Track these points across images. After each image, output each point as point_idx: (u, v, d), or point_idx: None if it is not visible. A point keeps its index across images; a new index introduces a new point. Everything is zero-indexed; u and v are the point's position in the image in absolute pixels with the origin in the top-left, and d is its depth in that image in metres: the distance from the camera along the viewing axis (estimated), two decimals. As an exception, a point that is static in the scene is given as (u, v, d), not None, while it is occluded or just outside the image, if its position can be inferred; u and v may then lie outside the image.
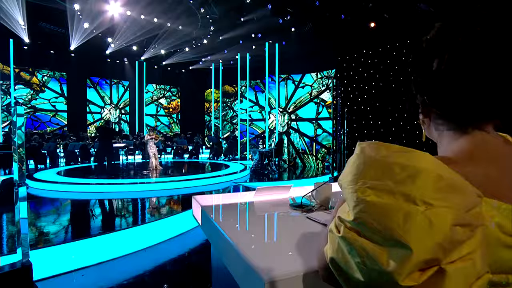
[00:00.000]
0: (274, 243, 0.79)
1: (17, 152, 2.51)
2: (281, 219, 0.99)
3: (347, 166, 0.49)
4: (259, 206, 1.14)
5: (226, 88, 15.56)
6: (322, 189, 1.05)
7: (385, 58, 9.57)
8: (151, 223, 3.85)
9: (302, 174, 9.78)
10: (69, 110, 14.29)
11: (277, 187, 1.26)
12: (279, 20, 10.14)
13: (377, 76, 9.84)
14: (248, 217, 1.02)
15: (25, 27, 9.90)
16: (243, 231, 0.88)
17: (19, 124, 2.54)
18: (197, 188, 6.56)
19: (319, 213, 0.98)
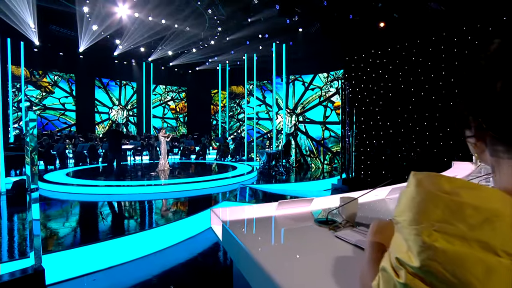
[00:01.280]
0: (304, 265, 0.75)
1: (30, 157, 2.51)
2: (308, 237, 0.95)
3: (402, 201, 0.44)
4: (283, 222, 1.10)
5: (233, 88, 15.57)
6: (348, 204, 1.00)
7: (394, 58, 9.43)
8: (161, 227, 3.84)
9: (310, 176, 9.70)
10: (78, 111, 14.45)
11: (299, 201, 1.22)
12: (286, 20, 10.07)
13: (386, 77, 9.71)
14: (274, 235, 0.98)
15: (36, 30, 10.04)
16: (269, 251, 0.84)
17: (32, 130, 2.54)
18: (206, 190, 6.54)
19: (347, 231, 0.94)
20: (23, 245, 3.34)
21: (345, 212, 1.01)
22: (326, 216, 1.04)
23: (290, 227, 1.04)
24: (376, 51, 9.89)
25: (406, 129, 9.17)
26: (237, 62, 14.40)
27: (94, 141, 12.30)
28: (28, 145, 2.47)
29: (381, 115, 9.73)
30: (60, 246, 3.13)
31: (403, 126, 9.22)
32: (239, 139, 12.66)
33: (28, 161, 2.58)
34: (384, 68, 9.68)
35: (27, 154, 2.60)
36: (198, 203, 5.79)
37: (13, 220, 4.50)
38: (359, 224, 1.02)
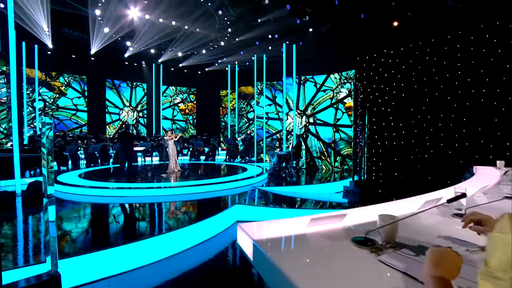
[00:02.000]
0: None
1: (47, 165, 2.50)
2: (349, 260, 0.88)
3: (504, 252, 0.36)
4: (318, 240, 1.03)
5: (242, 89, 15.55)
6: (388, 223, 0.93)
7: (407, 58, 9.23)
8: (173, 232, 3.81)
9: (321, 178, 9.57)
10: (89, 112, 14.65)
11: (331, 216, 1.15)
12: (296, 20, 9.97)
13: (398, 77, 9.52)
14: (312, 257, 0.91)
15: (49, 33, 10.21)
16: (310, 276, 0.78)
17: (47, 136, 2.54)
18: (217, 193, 6.51)
19: (392, 255, 0.86)
20: (39, 248, 3.36)
21: (385, 232, 0.94)
22: (365, 235, 0.97)
23: (327, 247, 0.97)
24: (389, 51, 9.70)
25: (419, 130, 8.96)
26: (246, 62, 14.37)
27: (105, 142, 12.44)
28: (44, 158, 2.47)
29: (394, 116, 9.54)
30: (74, 251, 3.13)
31: (416, 127, 9.01)
32: (249, 140, 12.61)
33: (46, 172, 2.58)
34: (397, 68, 9.49)
35: (44, 168, 2.60)
36: (210, 206, 5.76)
37: (29, 223, 4.54)
38: (400, 245, 0.94)
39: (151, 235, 3.65)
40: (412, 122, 9.16)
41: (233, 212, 5.12)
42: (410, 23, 8.96)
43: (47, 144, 2.65)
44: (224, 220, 4.84)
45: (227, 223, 4.90)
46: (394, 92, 9.58)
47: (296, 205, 6.40)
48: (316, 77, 11.59)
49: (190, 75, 17.12)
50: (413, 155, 9.09)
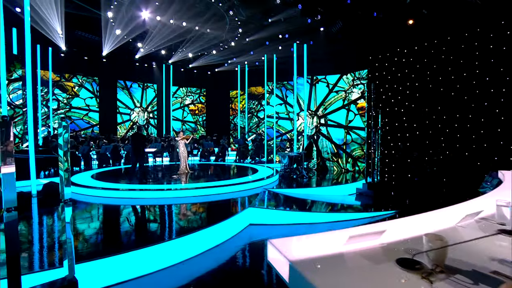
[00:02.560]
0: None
1: (63, 172, 2.49)
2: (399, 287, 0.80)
3: None
4: (358, 261, 0.96)
5: (252, 89, 15.50)
6: (439, 247, 0.85)
7: (422, 57, 9.01)
8: (186, 236, 3.77)
9: (333, 180, 9.43)
10: (101, 113, 14.85)
11: (369, 233, 1.07)
12: (307, 20, 9.85)
13: (412, 76, 9.30)
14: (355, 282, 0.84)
15: (63, 36, 10.38)
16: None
17: (66, 141, 2.53)
18: (228, 195, 6.48)
19: (447, 282, 0.79)
20: (55, 252, 3.37)
21: (434, 255, 0.86)
22: (412, 257, 0.89)
23: (370, 269, 0.90)
24: (402, 50, 9.49)
25: (434, 131, 8.73)
26: (256, 62, 14.31)
27: (117, 143, 12.58)
28: (61, 160, 2.46)
29: (407, 117, 9.33)
30: (87, 255, 3.12)
31: (431, 128, 8.78)
32: (259, 140, 12.55)
33: (63, 175, 2.57)
34: (411, 67, 9.27)
35: (61, 179, 2.60)
36: (222, 208, 5.73)
37: (46, 225, 4.58)
38: (451, 269, 0.86)
39: (165, 239, 3.63)
40: (427, 123, 8.93)
41: (246, 215, 5.06)
42: (426, 20, 8.73)
43: (64, 147, 2.65)
44: (237, 223, 4.79)
45: (240, 226, 4.85)
46: (407, 92, 9.36)
47: (309, 207, 6.30)
48: (328, 77, 11.43)
49: (200, 76, 17.17)
50: (428, 156, 8.87)
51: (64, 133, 2.53)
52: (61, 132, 2.62)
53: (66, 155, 2.65)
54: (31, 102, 6.46)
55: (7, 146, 2.79)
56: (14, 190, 2.94)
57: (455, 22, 8.13)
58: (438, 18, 8.48)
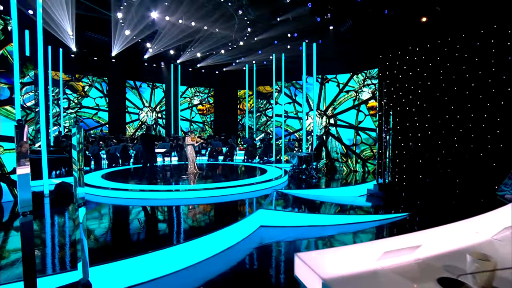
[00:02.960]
0: None
1: (77, 173, 2.48)
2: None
3: None
4: (395, 280, 0.90)
5: (260, 89, 15.44)
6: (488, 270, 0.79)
7: (435, 55, 8.81)
8: (198, 239, 3.75)
9: (343, 180, 9.32)
10: (110, 113, 15.00)
11: (404, 249, 1.01)
12: (317, 19, 9.73)
13: (424, 75, 9.11)
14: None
15: (74, 37, 10.50)
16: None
17: (78, 143, 2.52)
18: (238, 196, 6.45)
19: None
20: (69, 255, 3.38)
21: (482, 278, 0.80)
22: (457, 277, 0.83)
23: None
24: (414, 48, 9.30)
25: (447, 131, 8.53)
26: (264, 62, 14.24)
27: (126, 143, 12.68)
28: (76, 172, 2.45)
29: (419, 116, 9.15)
30: (99, 258, 3.11)
31: (444, 128, 8.59)
32: (267, 140, 12.49)
33: (77, 181, 2.56)
34: (423, 66, 9.08)
35: (75, 181, 2.59)
36: (232, 209, 5.70)
37: (58, 226, 4.62)
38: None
39: (176, 243, 3.60)
40: (439, 123, 8.74)
41: (257, 217, 5.02)
42: (439, 18, 8.52)
43: (77, 147, 2.64)
44: (249, 225, 4.75)
45: (251, 228, 4.81)
46: (419, 91, 9.18)
47: (320, 209, 6.23)
48: (339, 76, 11.29)
49: (208, 75, 17.19)
50: (440, 157, 8.68)
51: (77, 135, 2.53)
52: (75, 132, 2.62)
53: (80, 156, 2.64)
54: (43, 103, 6.53)
55: (22, 148, 2.81)
56: (29, 191, 2.95)
57: (470, 19, 7.92)
58: (452, 15, 8.28)
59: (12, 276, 2.85)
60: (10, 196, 5.87)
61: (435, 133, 8.79)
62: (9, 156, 5.84)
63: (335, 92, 11.28)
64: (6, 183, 5.80)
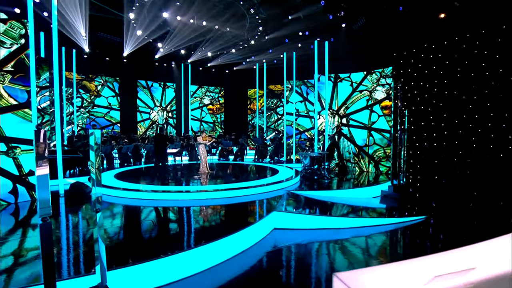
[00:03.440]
0: None
1: (95, 179, 2.47)
2: None
3: None
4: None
5: (271, 88, 15.33)
6: None
7: (452, 52, 8.53)
8: (212, 243, 3.70)
9: (356, 181, 9.17)
10: (121, 112, 15.16)
11: (456, 272, 0.93)
12: (329, 16, 9.57)
13: (440, 73, 8.84)
14: None
15: (87, 38, 10.63)
16: None
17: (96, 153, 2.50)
18: (250, 197, 6.40)
19: None
20: (85, 258, 3.38)
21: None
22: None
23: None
24: (430, 45, 9.03)
25: (464, 131, 8.26)
26: (274, 60, 14.13)
27: (137, 142, 12.79)
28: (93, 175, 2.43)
29: (434, 116, 8.89)
30: (113, 261, 3.10)
31: (461, 128, 8.32)
32: (278, 140, 12.40)
33: (95, 185, 2.54)
34: (439, 64, 8.81)
35: (92, 183, 2.58)
36: (245, 211, 5.65)
37: (74, 228, 4.66)
38: None
39: (189, 247, 3.57)
40: (456, 122, 8.48)
41: (270, 219, 4.96)
42: (457, 13, 8.25)
43: (95, 152, 2.63)
44: (263, 228, 4.69)
45: (265, 231, 4.75)
46: (435, 90, 8.92)
47: (334, 211, 6.12)
48: (352, 75, 11.09)
49: (218, 75, 17.19)
50: (457, 157, 8.43)
51: (93, 138, 2.51)
52: (92, 132, 2.60)
53: (98, 164, 2.63)
54: (58, 104, 6.62)
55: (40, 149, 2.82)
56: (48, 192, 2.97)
57: (491, 14, 7.63)
58: (472, 10, 7.99)
59: (27, 274, 2.87)
60: (26, 196, 5.97)
61: (452, 133, 8.53)
62: (26, 157, 5.93)
63: (347, 91, 11.09)
64: (22, 185, 5.89)
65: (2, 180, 5.63)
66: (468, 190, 7.93)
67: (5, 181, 5.69)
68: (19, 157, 5.84)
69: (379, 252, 4.32)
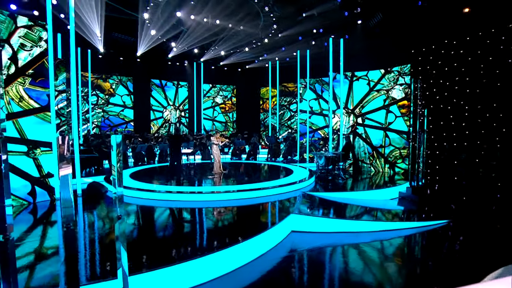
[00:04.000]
0: None
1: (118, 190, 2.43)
2: None
3: None
4: None
5: (284, 86, 15.17)
6: None
7: (474, 48, 8.18)
8: (230, 248, 3.65)
9: (372, 182, 8.97)
10: (135, 111, 15.33)
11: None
12: (344, 13, 9.34)
13: (462, 70, 8.50)
14: None
15: (101, 38, 10.75)
16: None
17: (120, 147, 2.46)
18: (266, 198, 6.33)
19: None
20: (106, 261, 3.38)
21: None
22: None
23: None
24: (451, 41, 8.69)
25: (487, 131, 7.93)
26: (286, 58, 13.95)
27: (151, 142, 12.90)
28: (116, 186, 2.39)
29: (455, 114, 8.57)
30: (132, 266, 3.08)
31: (484, 127, 7.99)
32: (291, 139, 12.27)
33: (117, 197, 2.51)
34: (461, 60, 8.48)
35: (116, 199, 2.55)
36: (261, 213, 5.58)
37: (93, 229, 4.69)
38: None
39: (208, 251, 3.52)
40: (479, 122, 8.14)
41: (288, 222, 4.88)
42: (482, 7, 7.89)
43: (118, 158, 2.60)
44: (281, 231, 4.62)
45: (283, 234, 4.68)
46: (456, 88, 8.59)
47: (351, 213, 5.99)
48: (369, 74, 10.82)
49: (230, 73, 17.13)
50: (479, 158, 8.10)
51: (120, 148, 2.48)
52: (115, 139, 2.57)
53: (120, 176, 2.60)
54: (75, 104, 6.69)
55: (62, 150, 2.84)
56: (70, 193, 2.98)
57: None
58: (497, 3, 7.63)
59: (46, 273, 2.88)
60: (46, 196, 6.07)
61: (474, 132, 8.21)
62: (46, 158, 6.03)
63: (363, 90, 10.83)
64: (40, 187, 5.99)
65: (22, 181, 5.74)
66: (491, 192, 7.62)
67: (25, 182, 5.80)
68: (39, 157, 5.94)
69: (401, 258, 4.19)
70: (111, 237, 4.07)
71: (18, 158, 5.62)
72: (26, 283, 2.85)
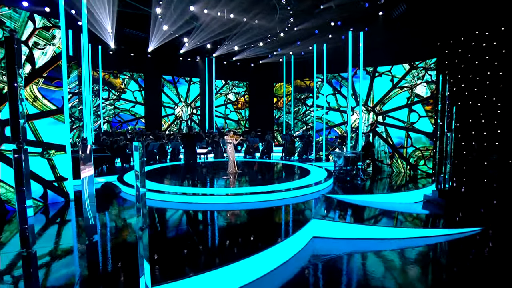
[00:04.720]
0: None
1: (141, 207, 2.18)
2: None
3: None
4: None
5: (297, 82, 14.70)
6: None
7: (508, 40, 7.58)
8: (251, 257, 3.39)
9: (394, 184, 8.53)
10: (146, 107, 15.20)
11: None
12: (365, 4, 8.82)
13: (495, 63, 7.91)
14: None
15: (113, 34, 10.57)
16: None
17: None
18: (284, 201, 6.03)
19: None
20: (123, 266, 3.17)
21: None
22: None
23: None
24: (482, 33, 8.08)
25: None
26: (301, 53, 13.47)
27: (162, 140, 12.74)
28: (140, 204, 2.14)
29: (485, 112, 8.01)
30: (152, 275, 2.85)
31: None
32: (307, 137, 11.87)
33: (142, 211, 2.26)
34: (493, 53, 7.90)
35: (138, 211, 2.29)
36: (281, 217, 5.29)
37: (109, 232, 4.50)
38: None
39: (229, 260, 3.24)
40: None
41: (309, 228, 4.58)
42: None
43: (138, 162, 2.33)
44: (302, 237, 4.33)
45: (305, 240, 4.39)
46: (487, 83, 8.01)
47: (375, 218, 5.62)
48: (392, 69, 10.27)
49: (243, 68, 16.76)
50: (511, 159, 7.55)
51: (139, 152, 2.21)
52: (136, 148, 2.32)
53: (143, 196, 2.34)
54: (88, 103, 6.52)
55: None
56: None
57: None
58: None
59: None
60: (58, 197, 5.95)
61: (506, 131, 7.65)
62: (60, 158, 5.89)
63: (384, 86, 10.28)
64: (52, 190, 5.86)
65: (36, 184, 5.62)
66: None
67: (37, 184, 5.67)
68: (53, 158, 5.80)
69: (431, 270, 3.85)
70: (129, 243, 3.87)
71: (32, 160, 5.49)
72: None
